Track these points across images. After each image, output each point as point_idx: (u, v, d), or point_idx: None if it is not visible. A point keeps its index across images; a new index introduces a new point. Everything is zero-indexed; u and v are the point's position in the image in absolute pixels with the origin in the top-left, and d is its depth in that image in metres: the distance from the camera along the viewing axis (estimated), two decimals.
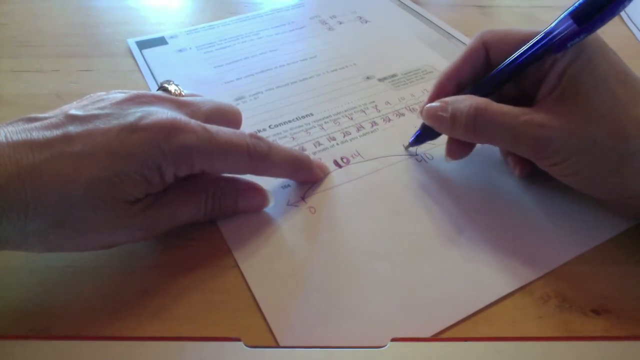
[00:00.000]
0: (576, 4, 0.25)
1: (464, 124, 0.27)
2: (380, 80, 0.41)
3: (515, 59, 0.27)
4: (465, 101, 0.28)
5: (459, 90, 0.30)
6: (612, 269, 0.27)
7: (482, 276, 0.26)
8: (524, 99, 0.28)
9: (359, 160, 0.33)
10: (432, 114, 0.30)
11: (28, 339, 0.23)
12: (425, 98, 0.32)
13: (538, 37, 0.26)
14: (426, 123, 0.31)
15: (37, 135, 0.22)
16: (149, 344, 0.22)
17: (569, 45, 0.25)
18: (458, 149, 0.30)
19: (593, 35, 0.25)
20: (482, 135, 0.28)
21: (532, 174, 0.31)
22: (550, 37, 0.26)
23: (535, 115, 0.26)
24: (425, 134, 0.32)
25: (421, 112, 0.31)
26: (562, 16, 0.25)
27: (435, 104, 0.30)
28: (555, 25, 0.25)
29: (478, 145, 0.32)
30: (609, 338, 0.24)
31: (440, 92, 0.31)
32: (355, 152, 0.34)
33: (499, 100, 0.27)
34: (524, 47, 0.27)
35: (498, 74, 0.28)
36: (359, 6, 0.51)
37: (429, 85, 0.40)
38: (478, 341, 0.23)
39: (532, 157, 0.27)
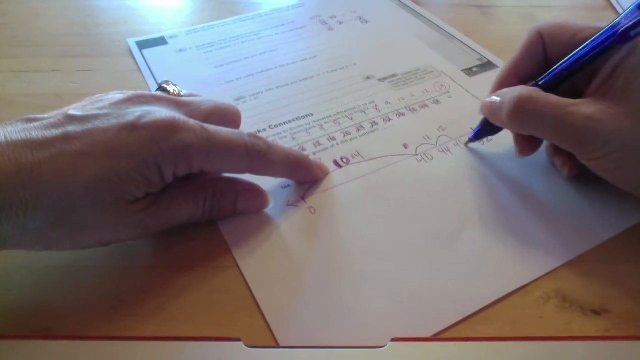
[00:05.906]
0: None
1: (507, 111, 0.27)
2: (380, 80, 0.41)
3: (581, 53, 0.27)
4: (514, 91, 0.28)
5: (521, 84, 0.30)
6: (612, 269, 0.27)
7: (482, 276, 0.26)
8: (574, 94, 0.28)
9: (359, 160, 0.33)
10: (486, 105, 0.30)
11: (28, 339, 0.22)
12: (425, 98, 0.32)
13: (604, 30, 0.26)
14: (481, 114, 0.31)
15: (36, 134, 0.22)
16: (149, 344, 0.22)
17: (632, 34, 0.24)
18: (523, 144, 0.30)
19: None
20: (526, 124, 0.27)
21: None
22: (616, 29, 0.25)
23: (583, 107, 0.25)
24: (484, 130, 0.32)
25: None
26: (630, 9, 0.25)
27: (491, 97, 0.30)
28: (623, 17, 0.25)
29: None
30: (609, 338, 0.24)
31: (501, 86, 0.31)
32: (355, 152, 0.34)
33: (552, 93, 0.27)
34: (589, 42, 0.26)
35: (562, 69, 0.28)
36: (358, 6, 0.51)
37: (429, 85, 0.40)
38: (478, 341, 0.23)
39: (575, 150, 0.27)
